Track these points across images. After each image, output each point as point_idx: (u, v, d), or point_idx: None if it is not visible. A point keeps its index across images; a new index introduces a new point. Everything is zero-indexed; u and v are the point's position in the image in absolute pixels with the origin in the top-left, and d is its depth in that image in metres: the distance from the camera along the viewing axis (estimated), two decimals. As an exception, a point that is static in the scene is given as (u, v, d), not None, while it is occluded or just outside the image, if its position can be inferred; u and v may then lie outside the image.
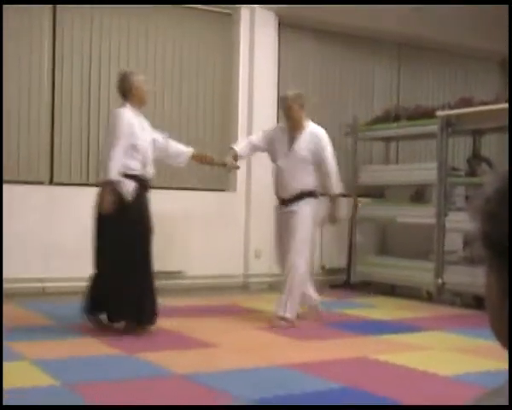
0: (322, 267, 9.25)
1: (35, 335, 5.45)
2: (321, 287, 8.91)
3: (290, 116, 6.14)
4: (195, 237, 8.34)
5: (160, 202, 8.15)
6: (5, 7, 7.07)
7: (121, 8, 7.97)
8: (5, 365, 4.53)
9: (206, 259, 8.37)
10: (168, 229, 7.92)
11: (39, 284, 7.46)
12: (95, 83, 7.93)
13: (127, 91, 5.55)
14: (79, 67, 7.84)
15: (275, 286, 8.71)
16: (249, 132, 8.56)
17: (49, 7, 7.63)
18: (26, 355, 4.77)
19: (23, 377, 4.27)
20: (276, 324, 5.99)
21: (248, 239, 8.73)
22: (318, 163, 6.14)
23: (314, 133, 6.16)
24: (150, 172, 5.65)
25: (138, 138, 5.49)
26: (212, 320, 6.36)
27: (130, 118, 5.47)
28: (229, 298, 7.67)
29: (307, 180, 6.12)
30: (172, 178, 8.06)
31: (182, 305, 7.06)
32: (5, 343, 5.08)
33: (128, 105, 5.54)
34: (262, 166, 8.76)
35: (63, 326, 5.82)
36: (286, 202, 6.16)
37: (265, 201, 8.76)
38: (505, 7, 8.04)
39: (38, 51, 7.63)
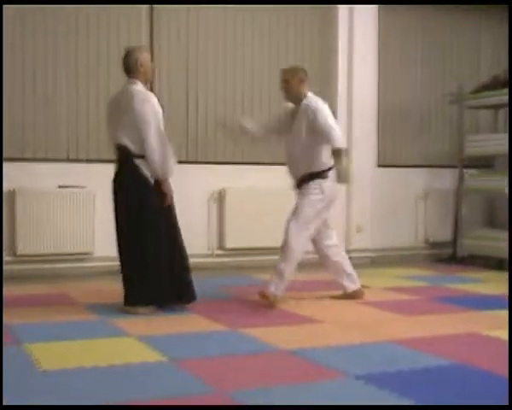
0: (427, 241, 9.03)
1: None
2: (425, 261, 8.74)
3: (288, 90, 5.77)
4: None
5: (257, 179, 8.15)
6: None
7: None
8: (111, 340, 4.59)
9: (308, 234, 8.26)
10: (265, 205, 7.87)
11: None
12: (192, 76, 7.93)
13: (132, 67, 5.34)
14: (177, 63, 7.87)
15: (377, 261, 8.57)
16: (349, 113, 8.47)
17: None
18: (131, 332, 4.79)
19: (130, 353, 4.29)
20: (260, 301, 5.74)
21: (349, 214, 8.59)
22: (316, 132, 5.65)
23: (306, 105, 5.69)
24: None
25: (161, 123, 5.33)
26: (314, 296, 6.27)
27: (156, 102, 5.30)
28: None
29: (313, 162, 5.70)
30: (267, 152, 7.98)
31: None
32: (109, 320, 5.15)
33: (139, 82, 5.34)
34: (363, 140, 8.63)
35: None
36: (296, 185, 5.85)
37: (366, 174, 8.62)
38: None
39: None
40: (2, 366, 3.81)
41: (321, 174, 5.72)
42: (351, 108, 8.60)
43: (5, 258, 7.01)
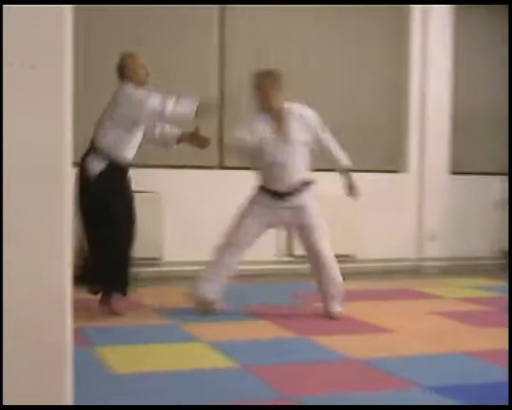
0: (501, 251, 8.82)
1: (207, 317, 5.50)
2: (499, 271, 8.53)
3: (265, 97, 5.39)
4: (367, 219, 8.16)
5: (330, 184, 8.08)
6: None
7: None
8: (181, 346, 4.61)
9: (378, 242, 8.18)
10: (339, 212, 7.81)
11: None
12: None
13: (122, 72, 5.45)
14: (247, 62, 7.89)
15: (449, 270, 8.40)
16: (421, 118, 8.36)
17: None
18: (201, 337, 4.81)
19: (200, 358, 4.30)
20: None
21: (422, 221, 8.46)
22: (316, 143, 5.50)
23: (303, 114, 5.46)
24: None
25: None
26: (384, 305, 6.19)
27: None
28: (401, 282, 7.45)
29: (305, 168, 5.49)
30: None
31: (353, 289, 6.92)
32: (179, 325, 5.17)
33: (130, 84, 5.39)
34: (436, 145, 8.48)
35: (234, 308, 5.85)
36: (282, 195, 5.45)
37: (440, 181, 8.47)
38: None
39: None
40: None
41: (312, 182, 5.54)
42: (423, 113, 8.47)
43: (78, 261, 7.12)
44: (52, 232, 2.40)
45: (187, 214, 7.55)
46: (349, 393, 3.62)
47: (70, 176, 2.55)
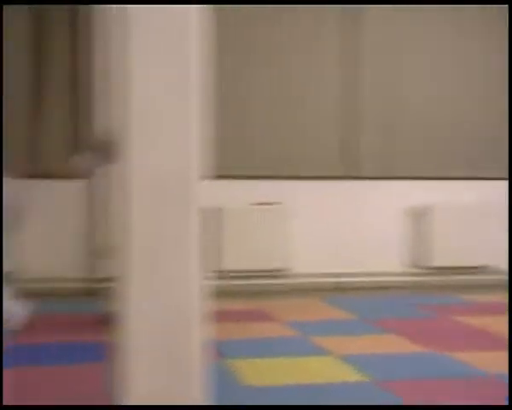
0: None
1: (337, 329, 5.43)
2: None
3: None
4: (498, 229, 7.87)
5: (462, 193, 7.83)
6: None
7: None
8: (312, 359, 4.55)
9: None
10: (469, 222, 7.58)
11: (334, 279, 7.49)
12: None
13: None
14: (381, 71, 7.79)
15: None
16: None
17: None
18: (332, 350, 4.74)
19: (332, 372, 4.23)
20: None
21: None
22: None
23: None
24: None
25: None
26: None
27: None
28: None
29: None
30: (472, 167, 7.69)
31: (485, 301, 6.68)
32: (309, 337, 5.12)
33: None
34: None
35: (364, 321, 5.75)
36: None
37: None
38: None
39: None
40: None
41: None
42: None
43: (210, 273, 7.22)
44: (181, 248, 2.41)
45: (314, 225, 7.51)
46: (489, 411, 3.47)
47: (199, 191, 2.53)
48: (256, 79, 7.54)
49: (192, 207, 2.43)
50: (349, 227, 7.55)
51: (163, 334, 2.40)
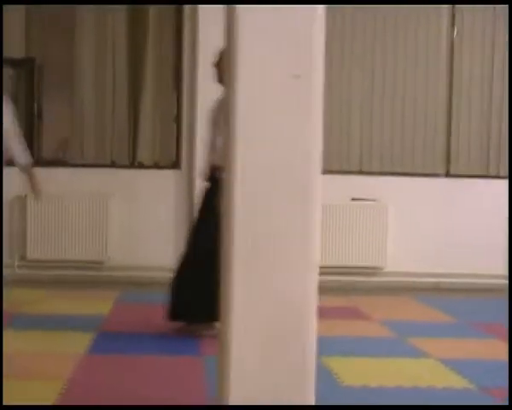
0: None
1: (435, 331, 5.25)
2: None
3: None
4: None
5: None
6: None
7: None
8: (411, 360, 4.41)
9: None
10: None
11: (433, 279, 7.27)
12: (497, 71, 7.50)
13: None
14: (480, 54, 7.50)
15: None
16: None
17: None
18: (431, 352, 4.57)
19: (433, 376, 4.07)
20: None
21: None
22: None
23: None
24: None
25: None
26: None
27: None
28: None
29: None
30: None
31: None
32: (406, 338, 4.96)
33: None
34: None
35: (464, 324, 5.54)
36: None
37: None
38: None
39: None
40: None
41: None
42: None
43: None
44: (303, 243, 2.31)
45: (411, 223, 7.30)
46: None
47: (319, 186, 2.44)
48: (357, 74, 7.40)
49: (314, 204, 2.35)
50: (447, 227, 7.32)
51: (274, 331, 2.31)
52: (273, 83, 2.31)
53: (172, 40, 7.18)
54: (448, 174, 7.44)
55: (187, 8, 7.03)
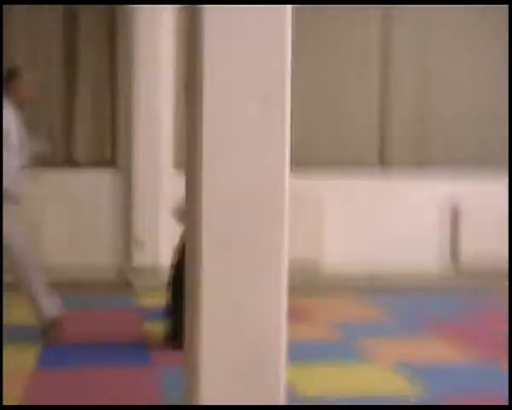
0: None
1: (380, 332, 5.27)
2: None
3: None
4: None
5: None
6: None
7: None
8: (363, 367, 4.39)
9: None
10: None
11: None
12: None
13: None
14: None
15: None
16: None
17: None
18: (383, 355, 4.58)
19: (386, 384, 4.09)
20: None
21: None
22: None
23: None
24: None
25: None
26: None
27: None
28: None
29: None
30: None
31: None
32: (356, 342, 4.95)
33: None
34: None
35: (405, 323, 5.55)
36: None
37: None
38: None
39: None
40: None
41: None
42: None
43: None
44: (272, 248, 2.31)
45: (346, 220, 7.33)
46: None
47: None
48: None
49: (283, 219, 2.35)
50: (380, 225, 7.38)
51: (241, 339, 2.28)
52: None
53: (107, 39, 7.06)
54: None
55: (121, 7, 6.91)
